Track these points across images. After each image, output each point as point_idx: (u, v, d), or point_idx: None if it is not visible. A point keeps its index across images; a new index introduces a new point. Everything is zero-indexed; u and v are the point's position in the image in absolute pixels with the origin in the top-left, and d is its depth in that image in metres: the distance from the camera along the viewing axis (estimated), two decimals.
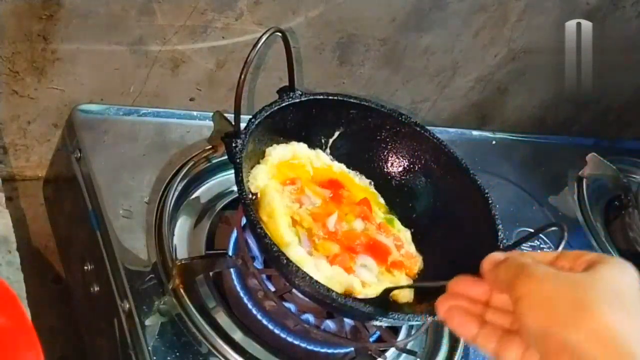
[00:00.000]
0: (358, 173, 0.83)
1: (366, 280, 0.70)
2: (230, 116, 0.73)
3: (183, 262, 0.70)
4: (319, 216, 0.73)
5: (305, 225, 0.72)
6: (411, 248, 0.79)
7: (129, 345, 0.68)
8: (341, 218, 0.75)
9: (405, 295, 0.71)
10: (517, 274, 0.47)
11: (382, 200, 0.83)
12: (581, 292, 0.44)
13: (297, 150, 0.79)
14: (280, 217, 0.70)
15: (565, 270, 0.48)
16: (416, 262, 0.78)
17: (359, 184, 0.82)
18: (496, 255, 0.50)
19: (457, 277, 0.52)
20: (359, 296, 0.67)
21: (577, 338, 0.43)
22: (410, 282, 0.76)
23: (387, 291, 0.66)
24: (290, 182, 0.74)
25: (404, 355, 0.79)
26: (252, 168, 0.74)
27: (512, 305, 0.47)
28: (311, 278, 0.64)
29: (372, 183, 0.84)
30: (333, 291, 0.63)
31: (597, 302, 0.44)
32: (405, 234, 0.80)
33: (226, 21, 0.85)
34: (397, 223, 0.81)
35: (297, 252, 0.67)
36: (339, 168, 0.82)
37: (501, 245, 0.72)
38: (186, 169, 0.83)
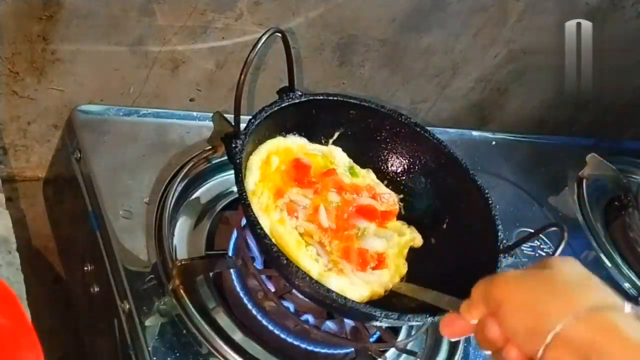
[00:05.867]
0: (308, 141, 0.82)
1: (378, 248, 0.75)
2: (230, 117, 0.73)
3: (183, 262, 0.70)
4: (314, 218, 0.74)
5: (315, 239, 0.72)
6: (382, 188, 0.82)
7: (129, 345, 0.68)
8: (325, 204, 0.76)
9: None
10: (488, 285, 0.51)
11: (339, 154, 0.82)
12: (550, 284, 0.48)
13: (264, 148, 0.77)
14: (297, 251, 0.69)
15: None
16: (393, 197, 0.81)
17: (313, 150, 0.81)
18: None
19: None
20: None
21: (566, 322, 0.45)
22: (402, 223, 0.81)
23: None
24: (277, 194, 0.74)
25: (404, 355, 0.79)
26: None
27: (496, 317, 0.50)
28: (311, 278, 0.64)
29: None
30: (333, 291, 0.63)
31: (570, 287, 0.47)
32: (370, 175, 0.82)
33: (226, 22, 0.85)
34: (358, 169, 0.82)
35: (336, 282, 0.68)
36: (294, 143, 0.80)
37: (501, 245, 0.72)
38: (186, 169, 0.83)
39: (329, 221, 0.74)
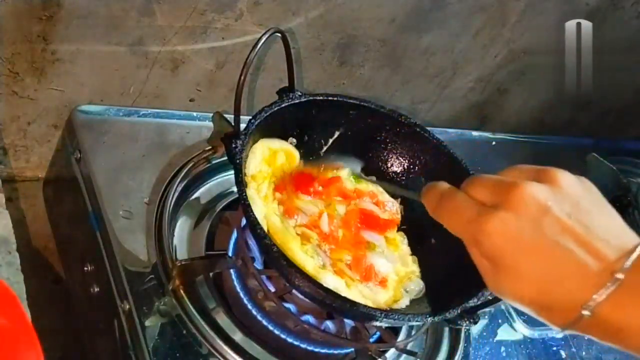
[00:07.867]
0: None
1: (383, 270, 0.73)
2: (230, 117, 0.73)
3: (183, 262, 0.71)
4: (313, 223, 0.73)
5: (312, 242, 0.72)
6: (385, 196, 0.81)
7: (129, 345, 0.68)
8: (329, 213, 0.75)
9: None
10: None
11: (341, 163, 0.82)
12: None
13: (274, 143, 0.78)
14: (291, 243, 0.69)
15: None
16: (397, 206, 0.81)
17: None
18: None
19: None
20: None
21: None
22: (402, 236, 0.80)
23: None
24: (277, 189, 0.74)
25: (404, 355, 0.79)
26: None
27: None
28: (311, 278, 0.64)
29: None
30: (333, 291, 0.63)
31: None
32: (374, 184, 0.82)
33: (226, 22, 0.85)
34: (362, 177, 0.81)
35: (332, 281, 0.68)
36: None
37: None
38: (186, 169, 0.83)
39: (330, 228, 0.73)
